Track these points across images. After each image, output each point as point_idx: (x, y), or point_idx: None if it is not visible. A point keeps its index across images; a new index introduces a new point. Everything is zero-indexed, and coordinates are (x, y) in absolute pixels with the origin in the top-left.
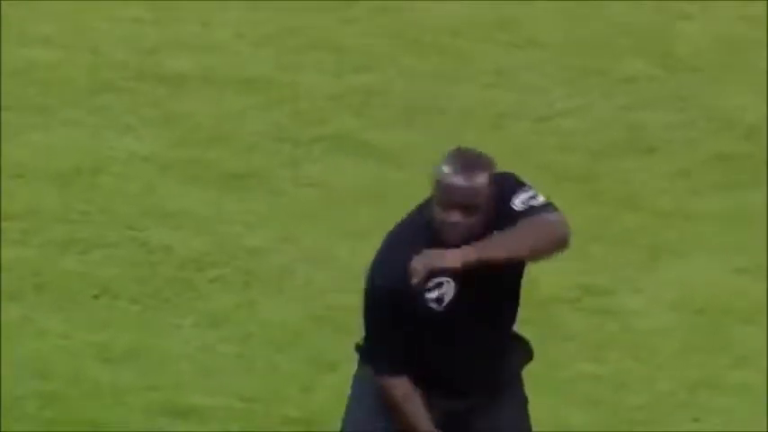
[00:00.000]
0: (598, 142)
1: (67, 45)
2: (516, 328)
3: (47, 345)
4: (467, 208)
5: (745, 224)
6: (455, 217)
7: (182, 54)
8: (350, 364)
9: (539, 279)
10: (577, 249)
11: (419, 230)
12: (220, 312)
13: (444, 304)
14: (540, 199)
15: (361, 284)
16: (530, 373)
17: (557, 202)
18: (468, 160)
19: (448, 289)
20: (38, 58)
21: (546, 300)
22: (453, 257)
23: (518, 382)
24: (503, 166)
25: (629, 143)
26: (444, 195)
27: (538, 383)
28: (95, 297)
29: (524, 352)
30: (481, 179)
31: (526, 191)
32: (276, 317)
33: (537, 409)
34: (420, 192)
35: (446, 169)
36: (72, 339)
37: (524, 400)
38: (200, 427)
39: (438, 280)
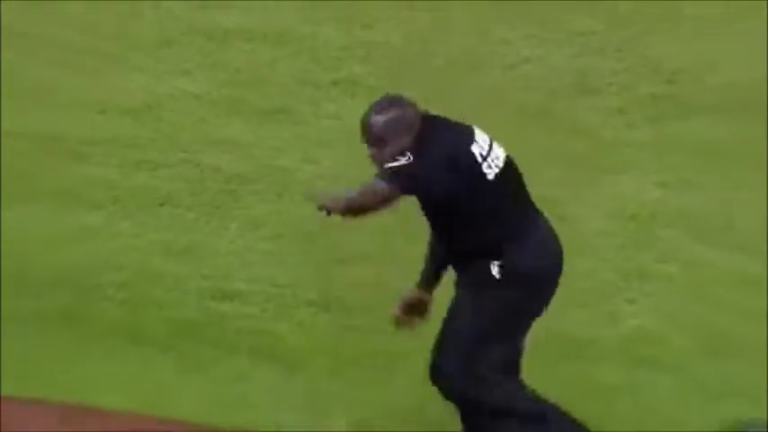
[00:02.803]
0: (554, 85)
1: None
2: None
3: (122, 243)
4: (368, 142)
5: (671, 149)
6: (368, 151)
7: (225, 12)
8: (362, 257)
9: None
10: (536, 169)
11: None
12: (258, 218)
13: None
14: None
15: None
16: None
17: (521, 134)
18: (376, 103)
19: None
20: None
21: None
22: (336, 204)
23: (474, 286)
24: (480, 106)
25: (579, 86)
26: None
27: None
28: (161, 205)
29: (483, 273)
30: (376, 117)
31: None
32: (302, 221)
33: None
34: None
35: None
36: (142, 239)
37: (468, 298)
38: (241, 307)
39: None
